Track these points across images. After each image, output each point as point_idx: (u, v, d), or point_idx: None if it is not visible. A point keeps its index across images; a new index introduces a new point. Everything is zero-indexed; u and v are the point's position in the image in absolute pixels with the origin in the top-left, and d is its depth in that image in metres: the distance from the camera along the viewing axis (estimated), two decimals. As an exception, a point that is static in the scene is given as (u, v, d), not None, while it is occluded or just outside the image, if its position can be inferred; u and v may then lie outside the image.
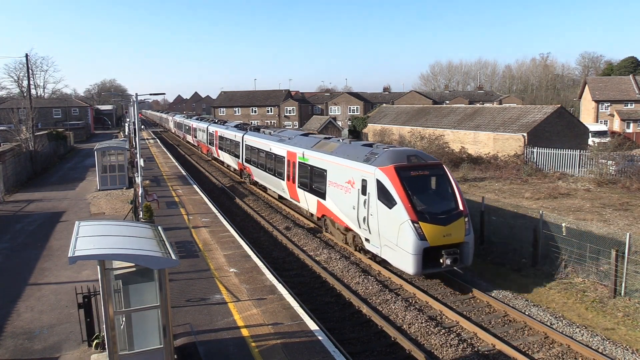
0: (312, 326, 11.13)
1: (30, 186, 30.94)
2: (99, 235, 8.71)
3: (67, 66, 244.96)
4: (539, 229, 15.96)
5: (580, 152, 32.42)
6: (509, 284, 15.14)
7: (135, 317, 8.42)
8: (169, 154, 48.26)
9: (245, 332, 10.86)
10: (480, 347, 11.43)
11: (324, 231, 20.35)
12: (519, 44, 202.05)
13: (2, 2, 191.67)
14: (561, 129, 37.05)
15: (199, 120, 54.60)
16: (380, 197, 14.68)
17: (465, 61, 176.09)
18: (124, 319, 8.46)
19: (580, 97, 76.96)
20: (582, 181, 29.41)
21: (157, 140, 67.22)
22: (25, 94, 66.78)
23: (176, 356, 9.26)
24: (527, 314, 13.02)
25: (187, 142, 63.23)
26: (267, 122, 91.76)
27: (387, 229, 14.42)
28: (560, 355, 11.09)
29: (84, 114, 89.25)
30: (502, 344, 11.33)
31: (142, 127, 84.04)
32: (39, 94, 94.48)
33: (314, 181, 19.90)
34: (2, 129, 45.05)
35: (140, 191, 20.40)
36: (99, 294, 8.47)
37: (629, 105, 66.87)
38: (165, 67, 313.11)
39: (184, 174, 34.80)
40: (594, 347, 11.31)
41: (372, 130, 55.68)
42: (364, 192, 15.56)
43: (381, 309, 13.45)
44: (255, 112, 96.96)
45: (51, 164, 40.75)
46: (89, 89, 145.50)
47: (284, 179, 23.45)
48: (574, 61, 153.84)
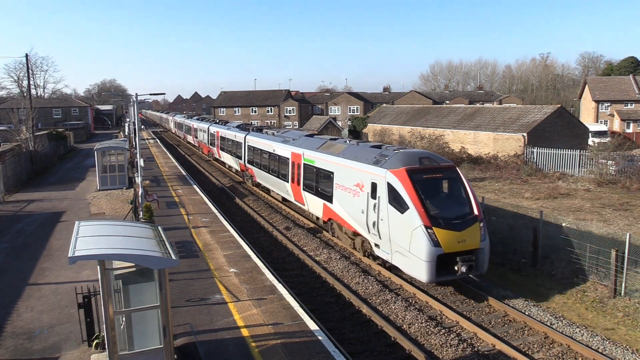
0: (312, 326, 11.14)
1: (30, 186, 30.94)
2: (99, 235, 8.72)
3: (67, 66, 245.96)
4: (539, 229, 15.96)
5: (580, 152, 32.43)
6: (509, 284, 15.14)
7: (135, 317, 8.43)
8: (169, 154, 48.27)
9: (245, 332, 10.87)
10: (480, 347, 11.43)
11: (331, 235, 19.87)
12: (519, 44, 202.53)
13: (2, 2, 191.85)
14: (561, 129, 37.05)
15: (200, 120, 54.40)
16: (391, 201, 14.11)
17: (465, 61, 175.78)
18: (124, 319, 8.46)
19: (580, 97, 77.01)
20: (582, 181, 29.42)
21: (157, 140, 67.24)
22: (25, 94, 66.80)
23: (176, 356, 9.25)
24: (527, 314, 13.02)
25: (187, 143, 63.20)
26: (267, 122, 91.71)
27: (399, 234, 13.85)
28: (560, 355, 11.09)
29: (84, 114, 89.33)
30: (502, 344, 11.34)
31: (142, 127, 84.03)
32: (39, 94, 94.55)
33: (320, 184, 19.39)
34: (2, 129, 45.09)
35: (140, 191, 20.42)
36: (99, 294, 8.48)
37: (629, 105, 66.90)
38: (165, 67, 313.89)
39: (184, 174, 34.81)
40: (594, 347, 11.31)
41: (372, 130, 55.67)
42: (374, 195, 14.98)
43: (381, 309, 13.45)
44: (255, 112, 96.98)
45: (51, 164, 40.75)
46: (89, 89, 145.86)
47: (288, 181, 22.96)
48: (574, 61, 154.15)
